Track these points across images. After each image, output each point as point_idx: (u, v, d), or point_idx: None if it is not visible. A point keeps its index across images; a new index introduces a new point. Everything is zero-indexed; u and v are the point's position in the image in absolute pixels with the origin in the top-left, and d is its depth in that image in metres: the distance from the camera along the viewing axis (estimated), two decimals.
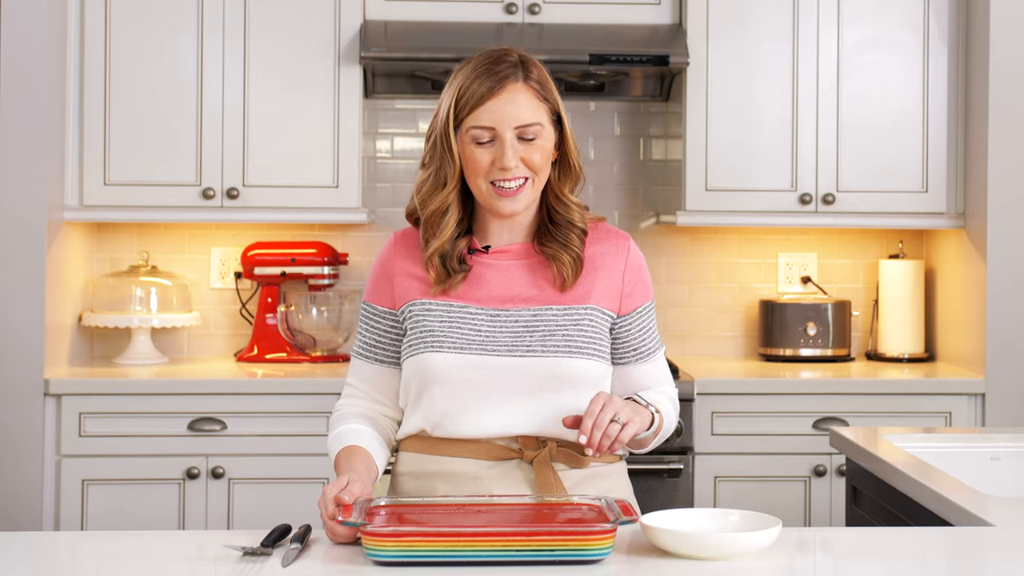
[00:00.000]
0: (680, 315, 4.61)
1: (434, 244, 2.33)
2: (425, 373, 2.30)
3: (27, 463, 3.92)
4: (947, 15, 4.27)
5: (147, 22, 4.16)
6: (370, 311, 2.42)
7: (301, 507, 3.93)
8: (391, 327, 2.39)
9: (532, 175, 2.30)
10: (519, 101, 2.29)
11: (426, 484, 2.33)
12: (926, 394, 4.09)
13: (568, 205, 2.37)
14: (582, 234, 2.36)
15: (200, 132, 4.18)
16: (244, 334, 4.53)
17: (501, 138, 2.28)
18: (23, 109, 3.93)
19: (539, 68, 2.35)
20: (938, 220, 4.31)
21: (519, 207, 2.32)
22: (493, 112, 2.28)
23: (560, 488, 2.28)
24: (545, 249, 2.35)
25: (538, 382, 2.29)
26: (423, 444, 2.34)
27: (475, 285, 2.34)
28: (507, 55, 2.33)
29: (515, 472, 2.30)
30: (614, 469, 2.39)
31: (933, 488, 2.49)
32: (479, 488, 2.28)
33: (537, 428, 2.30)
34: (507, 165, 2.27)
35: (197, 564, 2.00)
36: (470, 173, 2.32)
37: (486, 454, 2.30)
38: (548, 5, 4.27)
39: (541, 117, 2.31)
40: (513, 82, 2.30)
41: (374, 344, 2.41)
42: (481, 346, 2.29)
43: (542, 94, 2.32)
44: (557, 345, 2.29)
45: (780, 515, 2.26)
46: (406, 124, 4.58)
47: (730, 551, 1.99)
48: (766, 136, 4.27)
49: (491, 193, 2.30)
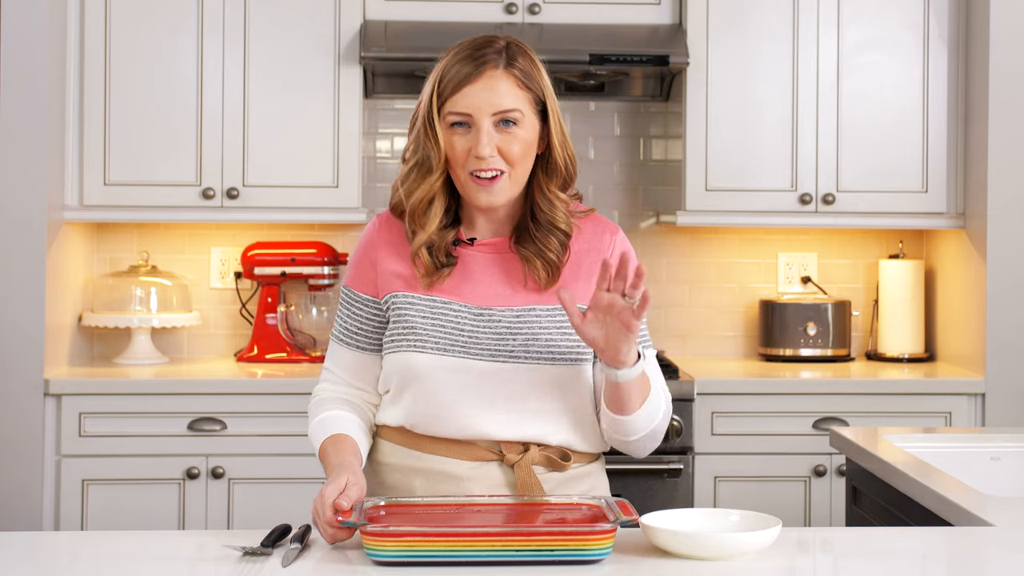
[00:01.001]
0: (680, 315, 4.61)
1: (421, 237, 2.27)
2: (407, 372, 2.26)
3: (27, 463, 3.92)
4: (947, 15, 4.27)
5: (147, 22, 4.16)
6: (352, 297, 2.35)
7: (301, 507, 3.93)
8: (373, 315, 2.33)
9: (508, 168, 2.23)
10: (497, 88, 2.22)
11: (405, 479, 2.30)
12: (926, 394, 4.09)
13: (552, 203, 2.28)
14: (564, 237, 2.29)
15: (200, 132, 4.18)
16: (244, 334, 4.53)
17: (477, 125, 2.22)
18: (23, 109, 3.93)
19: (527, 55, 2.27)
20: (938, 220, 4.31)
21: (497, 200, 2.24)
22: (470, 98, 2.21)
23: (540, 491, 2.25)
24: (521, 250, 2.29)
25: (521, 390, 2.25)
26: (404, 438, 2.31)
27: (460, 279, 2.29)
28: (494, 41, 2.26)
29: (496, 474, 2.27)
30: (593, 469, 2.35)
31: (933, 488, 2.49)
32: (459, 488, 2.26)
33: (520, 434, 2.27)
34: (481, 154, 2.20)
35: (197, 564, 2.00)
36: (451, 161, 2.25)
37: (467, 455, 2.27)
38: (548, 5, 4.27)
39: (521, 105, 2.23)
40: (493, 68, 2.22)
41: (356, 331, 2.35)
42: (464, 348, 2.25)
43: (524, 82, 2.24)
44: (540, 352, 2.25)
45: (780, 515, 2.26)
46: (406, 124, 4.55)
47: (730, 551, 1.99)
48: (766, 136, 4.27)
49: (469, 183, 2.24)
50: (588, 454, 2.33)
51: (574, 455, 2.30)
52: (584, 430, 2.30)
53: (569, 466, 2.30)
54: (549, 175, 2.29)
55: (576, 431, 2.29)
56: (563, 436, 2.29)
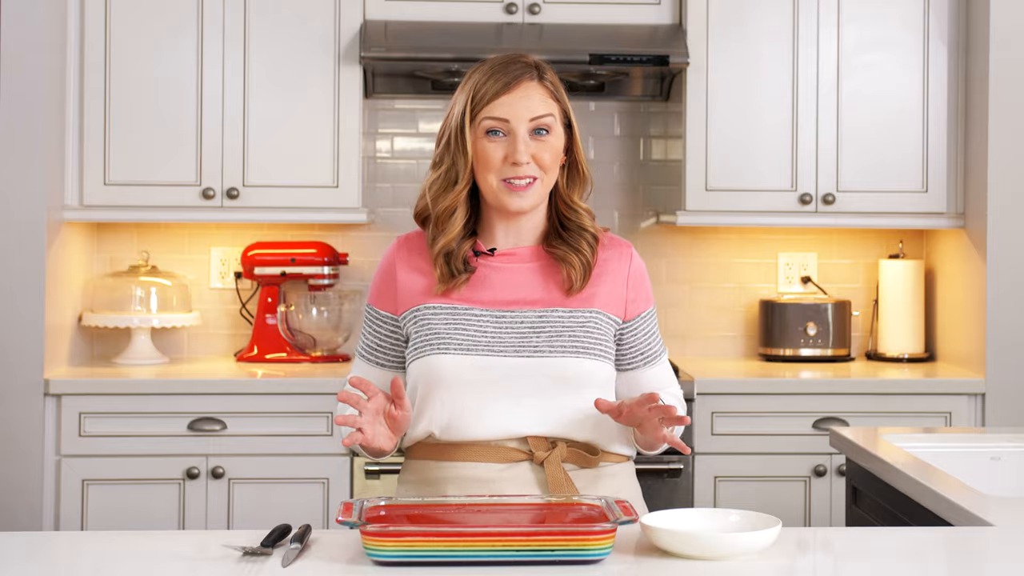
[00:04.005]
0: (680, 315, 4.61)
1: (441, 241, 2.34)
2: (432, 375, 2.29)
3: (27, 463, 3.92)
4: (947, 15, 4.27)
5: (147, 22, 4.16)
6: (373, 314, 2.43)
7: (301, 507, 3.94)
8: (392, 331, 2.40)
9: (541, 174, 2.33)
10: (533, 96, 2.34)
11: (437, 489, 2.33)
12: (926, 394, 4.10)
13: (578, 211, 2.39)
14: (593, 240, 2.38)
15: (200, 132, 4.18)
16: (244, 334, 4.53)
17: (514, 132, 2.31)
18: (23, 109, 3.93)
19: (552, 72, 2.41)
20: (938, 220, 4.31)
21: (527, 204, 2.33)
22: (507, 106, 2.32)
23: (572, 488, 2.28)
24: (555, 251, 2.37)
25: (547, 383, 2.29)
26: (432, 450, 2.34)
27: (479, 288, 2.35)
28: (522, 57, 2.39)
29: (526, 474, 2.30)
30: (622, 469, 2.40)
31: (933, 488, 2.49)
32: (490, 491, 2.28)
33: (547, 429, 2.30)
34: (519, 160, 2.30)
35: (197, 564, 2.00)
36: (481, 169, 2.33)
37: (496, 457, 2.30)
38: (548, 5, 4.27)
39: (554, 113, 2.35)
40: (528, 79, 2.35)
41: (376, 348, 2.42)
42: (488, 347, 2.29)
43: (555, 94, 2.37)
44: (564, 346, 2.30)
45: (780, 515, 2.26)
46: (406, 124, 4.58)
47: (730, 551, 1.99)
48: (766, 136, 4.27)
49: (501, 188, 2.33)
50: (616, 454, 2.38)
51: (602, 452, 2.35)
52: (609, 428, 2.35)
53: (598, 461, 2.34)
54: (572, 185, 2.41)
55: (600, 428, 2.34)
56: (589, 432, 2.33)
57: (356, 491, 3.97)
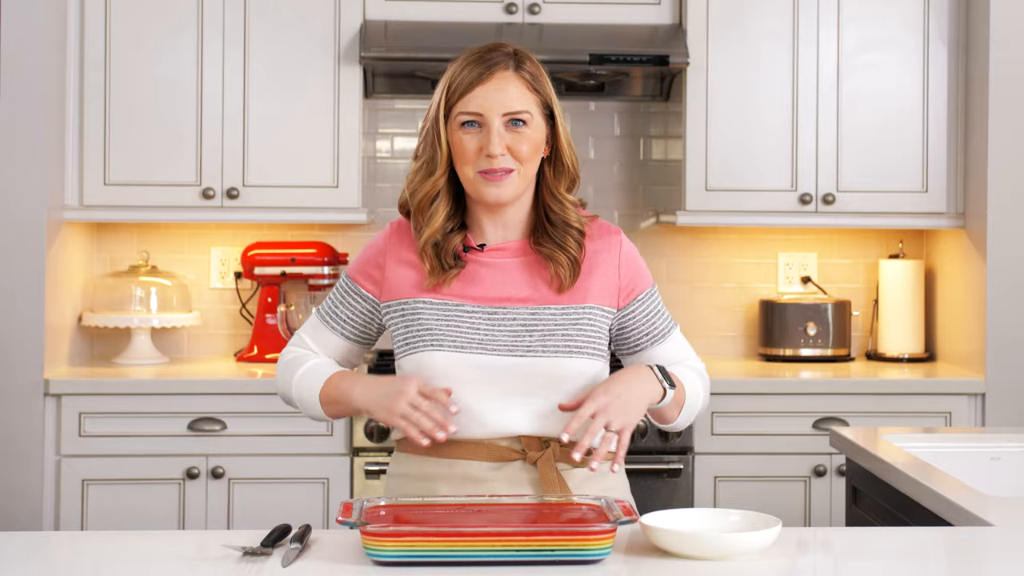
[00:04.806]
0: (680, 315, 4.61)
1: (426, 232, 2.32)
2: (425, 371, 2.28)
3: (27, 463, 3.92)
4: (947, 15, 4.27)
5: (147, 22, 4.16)
6: (351, 288, 2.40)
7: (301, 507, 3.94)
8: (368, 312, 2.38)
9: (518, 166, 2.29)
10: (508, 89, 2.29)
11: (428, 487, 2.32)
12: (926, 394, 4.10)
13: (563, 203, 2.35)
14: (579, 235, 2.34)
15: (200, 132, 4.18)
16: (244, 334, 4.53)
17: (488, 124, 2.28)
18: (23, 109, 3.93)
19: (533, 62, 2.34)
20: (938, 220, 4.31)
21: (505, 195, 2.30)
22: (481, 99, 2.28)
23: (564, 487, 2.27)
24: (541, 249, 2.34)
25: (540, 382, 2.28)
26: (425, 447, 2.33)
27: (470, 283, 2.33)
28: (501, 46, 2.33)
29: (519, 473, 2.29)
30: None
31: (933, 488, 2.49)
32: (483, 490, 2.28)
33: (540, 428, 2.30)
34: (492, 152, 2.26)
35: (197, 564, 2.00)
36: (458, 161, 2.31)
37: (489, 455, 2.29)
38: (548, 5, 4.27)
39: (530, 107, 2.30)
40: (503, 70, 2.29)
41: (344, 319, 2.40)
42: (481, 345, 2.28)
43: (533, 85, 2.31)
44: (557, 345, 2.29)
45: (780, 515, 2.26)
46: (406, 124, 4.58)
47: (730, 551, 1.99)
48: (766, 136, 4.27)
49: (478, 179, 2.29)
50: (608, 452, 2.35)
51: (595, 451, 2.32)
52: None
53: (590, 461, 2.31)
54: (557, 177, 2.36)
55: None
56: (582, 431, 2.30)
57: (356, 491, 3.97)
